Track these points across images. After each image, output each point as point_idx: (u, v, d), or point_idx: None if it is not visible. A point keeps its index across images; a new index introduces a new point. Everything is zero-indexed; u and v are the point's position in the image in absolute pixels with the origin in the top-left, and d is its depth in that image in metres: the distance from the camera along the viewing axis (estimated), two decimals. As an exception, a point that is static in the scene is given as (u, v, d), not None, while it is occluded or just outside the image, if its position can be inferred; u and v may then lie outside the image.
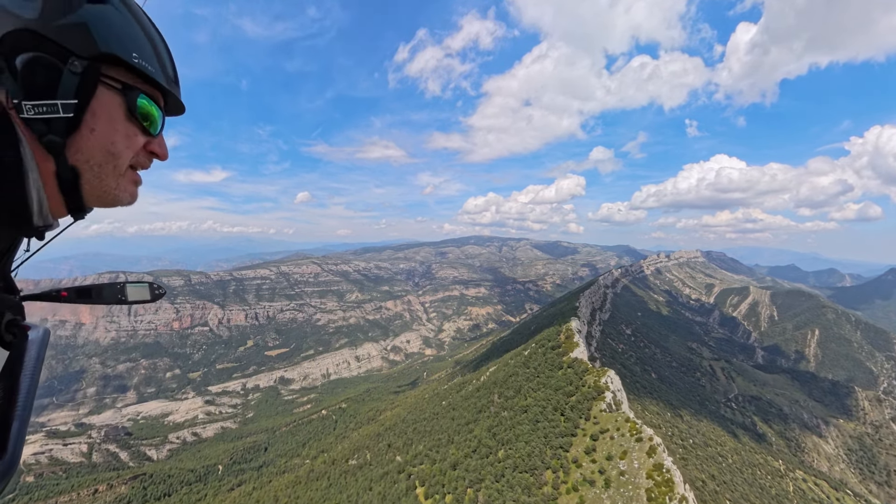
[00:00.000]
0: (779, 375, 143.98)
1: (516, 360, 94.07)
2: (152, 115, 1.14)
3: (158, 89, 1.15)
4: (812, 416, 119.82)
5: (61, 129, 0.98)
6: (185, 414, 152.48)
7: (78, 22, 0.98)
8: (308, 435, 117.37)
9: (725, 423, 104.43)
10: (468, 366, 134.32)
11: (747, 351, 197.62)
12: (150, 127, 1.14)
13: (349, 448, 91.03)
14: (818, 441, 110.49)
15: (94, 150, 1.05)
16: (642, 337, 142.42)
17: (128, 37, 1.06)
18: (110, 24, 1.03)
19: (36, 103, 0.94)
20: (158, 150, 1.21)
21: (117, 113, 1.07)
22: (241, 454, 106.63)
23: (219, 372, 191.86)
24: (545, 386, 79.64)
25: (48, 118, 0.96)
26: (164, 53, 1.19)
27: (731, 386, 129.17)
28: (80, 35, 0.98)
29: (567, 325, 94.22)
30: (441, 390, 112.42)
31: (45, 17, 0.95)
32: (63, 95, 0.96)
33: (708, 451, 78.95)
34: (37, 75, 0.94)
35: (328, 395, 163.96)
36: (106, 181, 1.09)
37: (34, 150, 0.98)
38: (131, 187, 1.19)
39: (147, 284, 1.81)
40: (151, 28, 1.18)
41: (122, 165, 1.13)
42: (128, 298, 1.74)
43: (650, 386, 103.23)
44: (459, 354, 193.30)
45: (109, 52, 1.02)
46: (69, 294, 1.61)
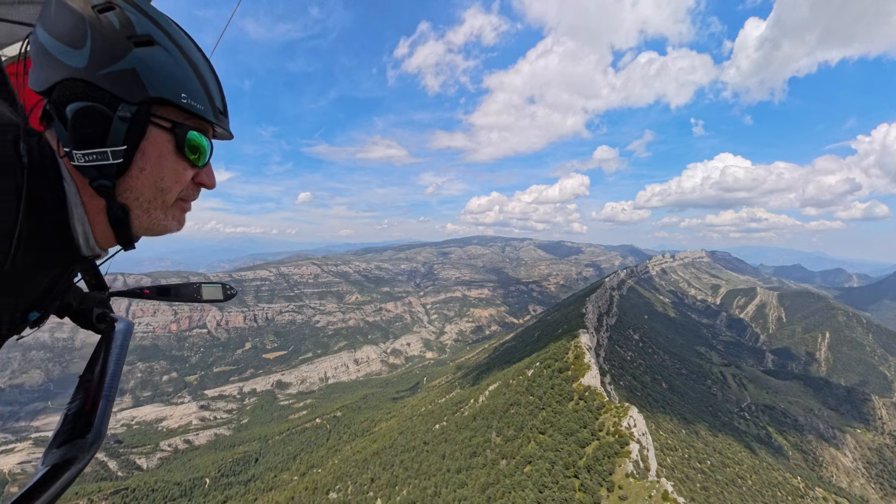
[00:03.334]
0: (791, 382, 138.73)
1: (518, 382, 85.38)
2: (201, 148, 1.14)
3: (207, 122, 1.16)
4: (828, 426, 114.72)
5: (111, 173, 0.99)
6: (179, 419, 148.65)
7: (127, 68, 0.97)
8: (300, 446, 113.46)
9: (741, 436, 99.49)
10: (468, 376, 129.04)
11: (757, 355, 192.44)
12: (198, 160, 1.15)
13: (333, 475, 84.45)
14: (836, 453, 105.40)
15: (143, 189, 1.06)
16: (650, 342, 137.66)
17: (177, 77, 1.04)
18: (159, 67, 1.01)
19: (86, 152, 0.95)
20: (206, 181, 1.23)
21: (166, 150, 1.07)
22: (230, 466, 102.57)
23: (216, 375, 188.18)
24: (552, 426, 66.85)
25: (98, 165, 0.97)
26: (213, 85, 1.18)
27: (743, 394, 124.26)
28: (129, 81, 0.97)
29: (576, 341, 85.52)
30: (437, 406, 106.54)
31: (94, 66, 0.94)
32: (112, 143, 0.96)
33: (727, 472, 74.04)
34: (86, 125, 0.94)
35: (325, 400, 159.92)
36: (154, 214, 1.12)
37: (84, 192, 1.01)
38: (180, 216, 1.21)
39: (220, 285, 1.93)
40: (201, 61, 1.16)
41: (171, 199, 1.14)
42: (202, 297, 1.87)
43: (662, 398, 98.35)
44: (461, 358, 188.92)
45: (159, 95, 1.00)
46: (150, 292, 1.78)
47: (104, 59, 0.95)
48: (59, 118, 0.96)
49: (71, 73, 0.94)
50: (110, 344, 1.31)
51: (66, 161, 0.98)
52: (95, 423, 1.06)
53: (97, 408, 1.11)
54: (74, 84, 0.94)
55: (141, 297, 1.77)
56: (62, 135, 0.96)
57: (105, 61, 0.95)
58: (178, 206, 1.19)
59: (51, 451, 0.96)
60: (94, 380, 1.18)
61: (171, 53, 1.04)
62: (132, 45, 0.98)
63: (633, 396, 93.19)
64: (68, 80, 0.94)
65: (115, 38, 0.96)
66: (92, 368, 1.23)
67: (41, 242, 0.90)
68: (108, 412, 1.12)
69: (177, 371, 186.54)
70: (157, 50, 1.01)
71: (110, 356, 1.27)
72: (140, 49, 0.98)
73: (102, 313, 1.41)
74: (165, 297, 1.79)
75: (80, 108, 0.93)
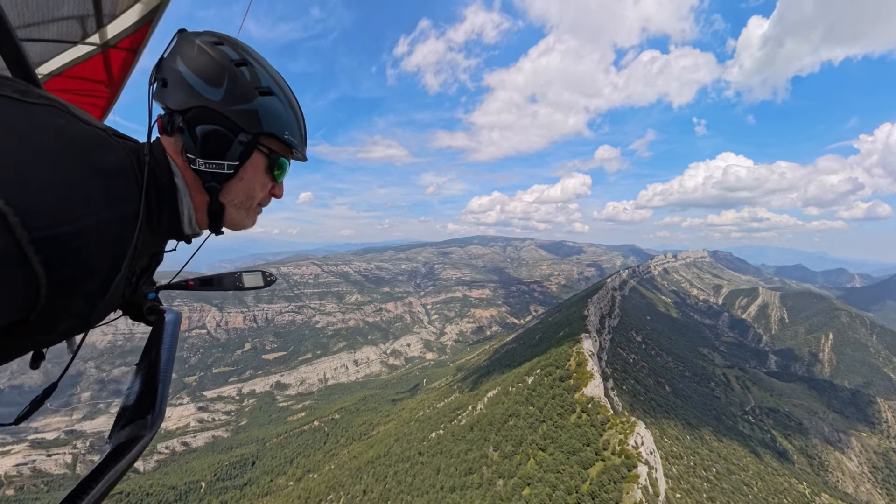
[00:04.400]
0: (795, 384, 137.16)
1: (518, 390, 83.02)
2: (284, 170, 1.46)
3: (292, 150, 1.47)
4: (833, 429, 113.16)
5: (221, 178, 1.31)
6: (177, 421, 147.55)
7: (251, 109, 1.28)
8: (297, 449, 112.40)
9: (746, 440, 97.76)
10: (467, 379, 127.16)
11: (759, 356, 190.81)
12: (279, 177, 1.47)
13: (327, 484, 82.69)
14: (841, 458, 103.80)
15: (238, 193, 1.38)
16: (653, 344, 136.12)
17: (283, 120, 1.37)
18: (274, 112, 1.33)
19: (209, 161, 1.26)
20: (278, 192, 1.53)
21: (261, 168, 1.39)
22: (227, 470, 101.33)
23: (215, 376, 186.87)
24: (554, 442, 62.96)
25: (214, 172, 1.28)
26: (303, 125, 1.50)
27: (746, 397, 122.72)
28: (250, 118, 1.28)
29: (578, 346, 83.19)
30: (435, 411, 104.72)
31: (227, 102, 1.24)
32: (230, 158, 1.28)
33: (733, 480, 72.37)
34: (213, 142, 1.25)
35: (324, 401, 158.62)
36: (241, 213, 1.45)
37: (194, 188, 1.32)
38: (255, 217, 1.53)
39: (260, 273, 2.11)
40: (298, 109, 1.48)
41: (254, 204, 1.48)
42: (244, 285, 2.04)
43: (666, 403, 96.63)
44: (461, 359, 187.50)
45: (270, 131, 1.33)
46: (195, 283, 1.95)
47: (235, 99, 1.26)
48: (189, 132, 1.24)
49: (207, 103, 1.23)
50: (162, 333, 1.46)
51: (179, 160, 1.27)
52: (157, 404, 1.20)
53: (157, 391, 1.24)
54: (208, 112, 1.23)
55: (186, 289, 1.92)
56: (189, 144, 1.25)
57: (236, 100, 1.26)
58: (256, 210, 1.52)
59: (116, 432, 1.11)
60: (150, 366, 1.33)
61: (283, 102, 1.38)
62: (258, 93, 1.30)
63: (637, 402, 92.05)
64: (204, 107, 1.23)
65: (246, 86, 1.27)
66: (147, 356, 1.39)
67: (157, 223, 1.19)
68: (165, 394, 1.26)
69: (176, 372, 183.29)
70: (274, 99, 1.34)
71: (163, 344, 1.42)
72: (263, 97, 1.31)
73: (152, 306, 1.59)
74: (209, 287, 1.97)
75: (210, 130, 1.24)
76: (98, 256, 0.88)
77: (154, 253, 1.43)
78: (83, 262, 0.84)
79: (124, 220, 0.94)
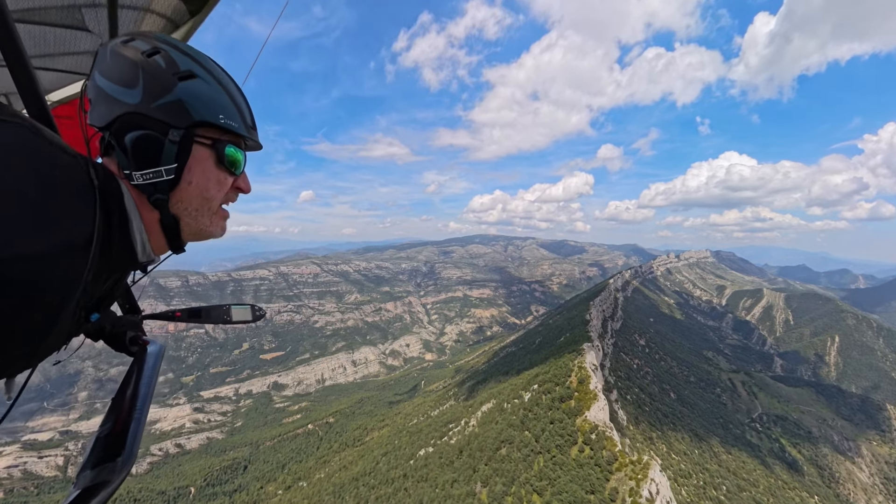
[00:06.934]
0: (802, 389, 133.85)
1: (513, 407, 76.77)
2: (237, 160, 1.31)
3: (240, 136, 1.31)
4: (843, 437, 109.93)
5: (165, 187, 1.17)
6: (172, 422, 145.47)
7: (174, 100, 1.15)
8: (290, 454, 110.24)
9: (754, 450, 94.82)
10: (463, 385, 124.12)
11: (765, 359, 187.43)
12: (235, 169, 1.31)
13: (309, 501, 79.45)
14: (852, 468, 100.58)
15: (191, 199, 1.23)
16: (657, 348, 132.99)
17: (215, 102, 1.22)
18: (200, 96, 1.19)
19: (144, 172, 1.13)
20: (243, 186, 1.39)
21: (209, 164, 1.24)
22: (218, 474, 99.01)
23: (212, 376, 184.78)
24: (552, 485, 53.95)
25: (154, 182, 1.15)
26: (243, 105, 1.35)
27: (753, 403, 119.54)
28: (176, 110, 1.15)
29: (580, 360, 76.71)
30: (428, 421, 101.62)
31: (147, 101, 1.12)
32: (165, 162, 1.14)
33: (744, 497, 69.23)
34: (143, 150, 1.13)
35: (320, 403, 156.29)
36: (201, 221, 1.29)
37: (142, 206, 1.18)
38: (222, 223, 1.37)
39: (249, 307, 2.03)
40: (232, 86, 1.34)
41: (215, 206, 1.32)
42: (232, 319, 1.95)
43: (672, 412, 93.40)
44: (461, 360, 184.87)
45: (201, 119, 1.18)
46: (182, 314, 1.85)
47: (155, 94, 1.13)
48: (118, 146, 1.13)
49: (127, 109, 1.12)
50: (142, 367, 1.38)
51: (126, 182, 1.14)
52: (127, 446, 1.13)
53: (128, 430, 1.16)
54: (131, 117, 1.12)
55: (172, 321, 1.83)
56: (122, 160, 1.14)
57: (156, 96, 1.13)
58: (221, 214, 1.36)
59: (83, 474, 1.04)
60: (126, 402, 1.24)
61: (208, 83, 1.23)
62: (177, 79, 1.17)
63: (642, 413, 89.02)
64: (126, 114, 1.12)
65: (163, 75, 1.15)
66: (124, 391, 1.29)
67: (108, 251, 1.04)
68: (139, 435, 1.18)
69: (173, 372, 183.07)
70: (198, 82, 1.20)
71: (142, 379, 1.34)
72: (183, 82, 1.18)
73: (135, 336, 1.50)
74: (196, 319, 1.87)
75: (137, 137, 1.12)
76: (42, 286, 0.77)
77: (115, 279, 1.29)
78: (22, 293, 0.72)
79: (73, 245, 0.85)
